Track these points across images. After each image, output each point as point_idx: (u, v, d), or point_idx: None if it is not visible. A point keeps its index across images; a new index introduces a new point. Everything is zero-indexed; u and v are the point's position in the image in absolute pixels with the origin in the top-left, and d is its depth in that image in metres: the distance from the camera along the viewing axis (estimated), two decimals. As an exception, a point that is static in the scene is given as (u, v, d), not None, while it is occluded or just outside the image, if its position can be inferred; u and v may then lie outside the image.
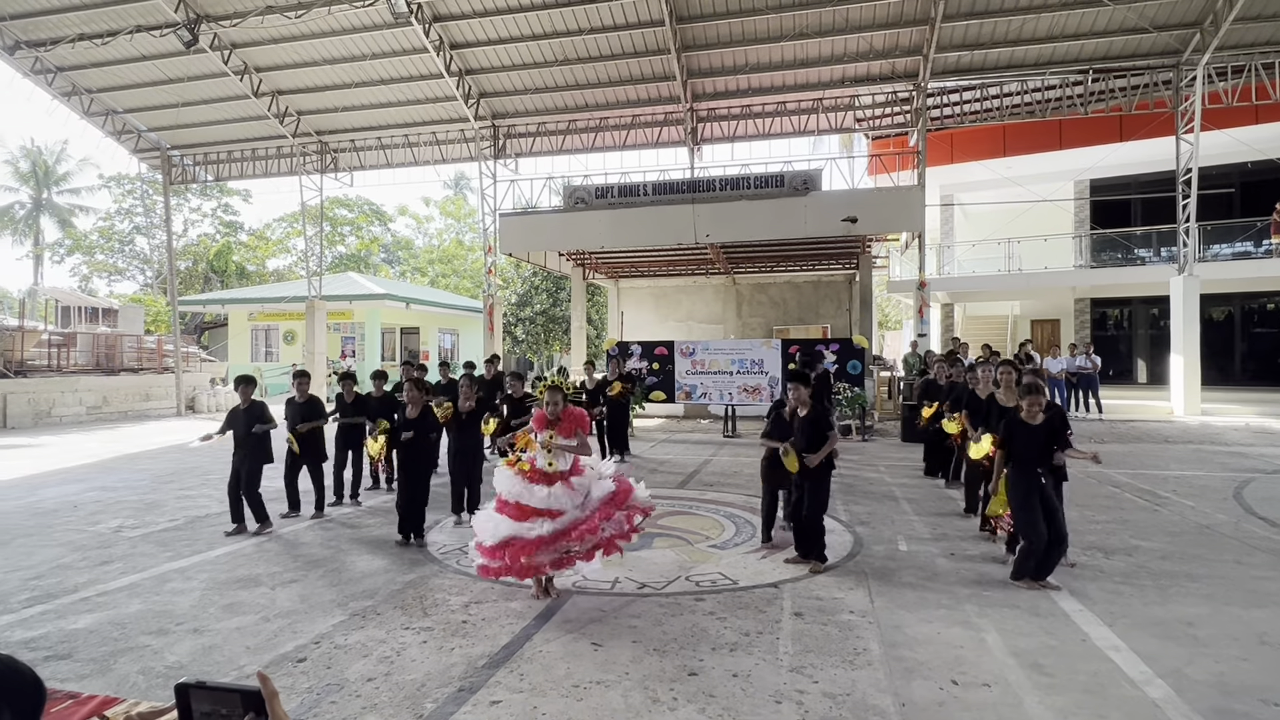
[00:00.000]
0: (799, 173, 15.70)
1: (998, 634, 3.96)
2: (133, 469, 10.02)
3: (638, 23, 14.74)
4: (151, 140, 19.63)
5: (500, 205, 17.87)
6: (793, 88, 16.18)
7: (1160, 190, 17.20)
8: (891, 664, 3.59)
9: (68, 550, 5.82)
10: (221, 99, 17.68)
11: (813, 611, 4.32)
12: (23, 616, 4.33)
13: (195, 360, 20.95)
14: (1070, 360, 14.28)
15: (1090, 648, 3.77)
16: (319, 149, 19.04)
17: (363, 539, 6.18)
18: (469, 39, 15.66)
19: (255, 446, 6.32)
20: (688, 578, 4.99)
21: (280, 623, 4.20)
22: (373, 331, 24.73)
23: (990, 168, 18.07)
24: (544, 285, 28.89)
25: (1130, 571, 5.04)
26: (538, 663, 3.63)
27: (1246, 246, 17.11)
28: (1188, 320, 14.49)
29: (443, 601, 4.54)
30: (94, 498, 7.98)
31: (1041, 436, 4.72)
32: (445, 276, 38.71)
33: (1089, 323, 19.66)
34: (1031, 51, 14.65)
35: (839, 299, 22.01)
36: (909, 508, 7.27)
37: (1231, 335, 18.21)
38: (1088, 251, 18.92)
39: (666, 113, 17.12)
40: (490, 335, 17.84)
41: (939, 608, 4.37)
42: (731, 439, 12.96)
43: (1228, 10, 12.89)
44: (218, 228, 35.59)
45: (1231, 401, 15.43)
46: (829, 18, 14.29)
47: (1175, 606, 4.37)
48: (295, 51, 16.30)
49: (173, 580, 5.01)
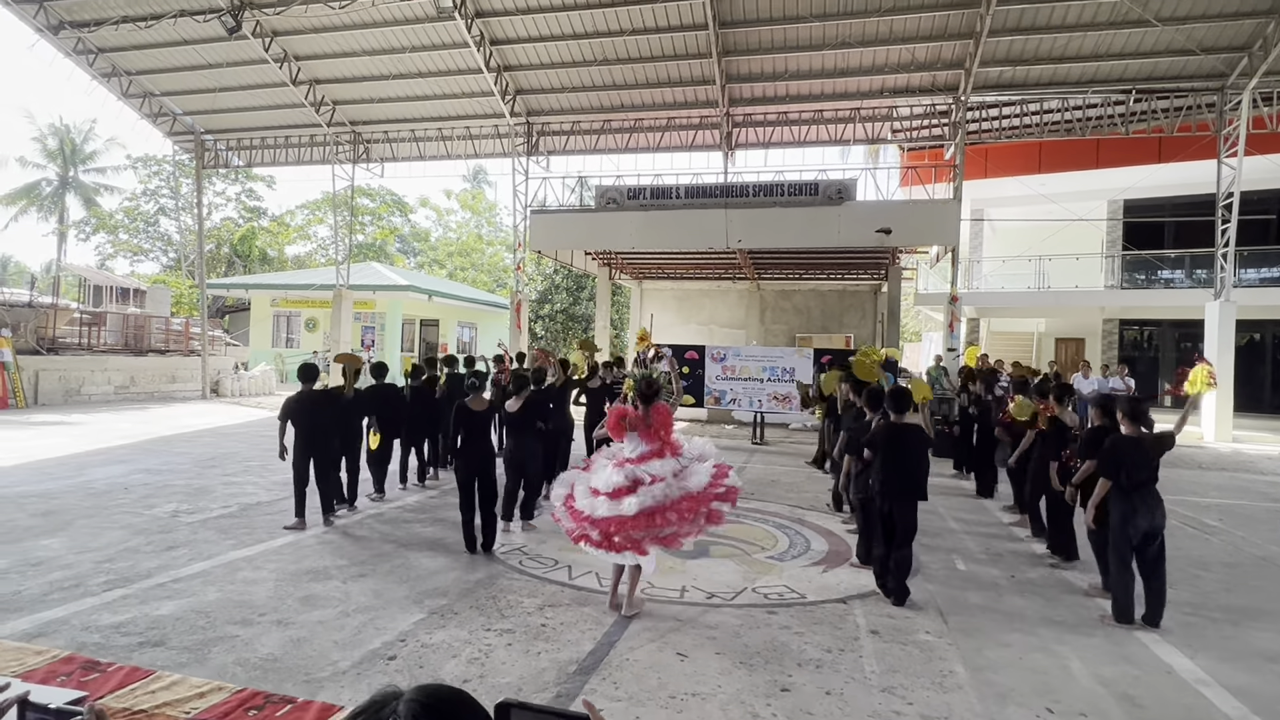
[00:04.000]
0: (834, 181, 15.68)
1: (1080, 661, 3.95)
2: (171, 452, 10.09)
3: (680, 26, 14.73)
4: (186, 124, 19.74)
5: (530, 202, 17.91)
6: (831, 96, 16.15)
7: (1194, 213, 17.10)
8: (981, 688, 3.60)
9: (130, 534, 5.87)
10: (259, 85, 17.76)
11: (889, 630, 4.32)
12: (105, 600, 4.37)
13: (220, 344, 21.05)
14: (1103, 381, 14.20)
15: (1178, 680, 3.76)
16: (352, 139, 19.11)
17: (419, 535, 6.21)
18: (510, 36, 15.68)
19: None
20: (754, 589, 5.00)
21: (361, 618, 4.23)
22: (394, 322, 24.82)
23: (1024, 184, 17.99)
24: (564, 283, 28.94)
25: (1198, 602, 5.03)
26: (628, 671, 3.65)
27: (1277, 272, 17.03)
28: (1222, 345, 14.41)
29: (516, 604, 4.56)
30: (141, 480, 8.04)
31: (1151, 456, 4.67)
32: (463, 270, 38.80)
33: (1116, 343, 19.56)
34: (1075, 69, 14.58)
35: (863, 309, 21.97)
36: (955, 525, 7.26)
37: (1262, 361, 18.10)
38: (1120, 272, 18.82)
39: (702, 116, 17.11)
40: (518, 332, 17.87)
41: (1013, 631, 4.36)
42: (760, 446, 12.96)
43: (1278, 35, 12.81)
44: (241, 212, 35.75)
45: (1262, 429, 15.34)
46: (872, 28, 14.25)
47: (1252, 640, 4.36)
48: (336, 41, 16.36)
49: (243, 569, 5.05)
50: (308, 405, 6.32)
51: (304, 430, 6.32)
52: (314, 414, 6.33)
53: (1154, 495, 4.71)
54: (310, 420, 6.33)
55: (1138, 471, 4.70)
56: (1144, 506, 4.64)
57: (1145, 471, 4.70)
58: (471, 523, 5.71)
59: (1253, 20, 13.07)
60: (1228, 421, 14.45)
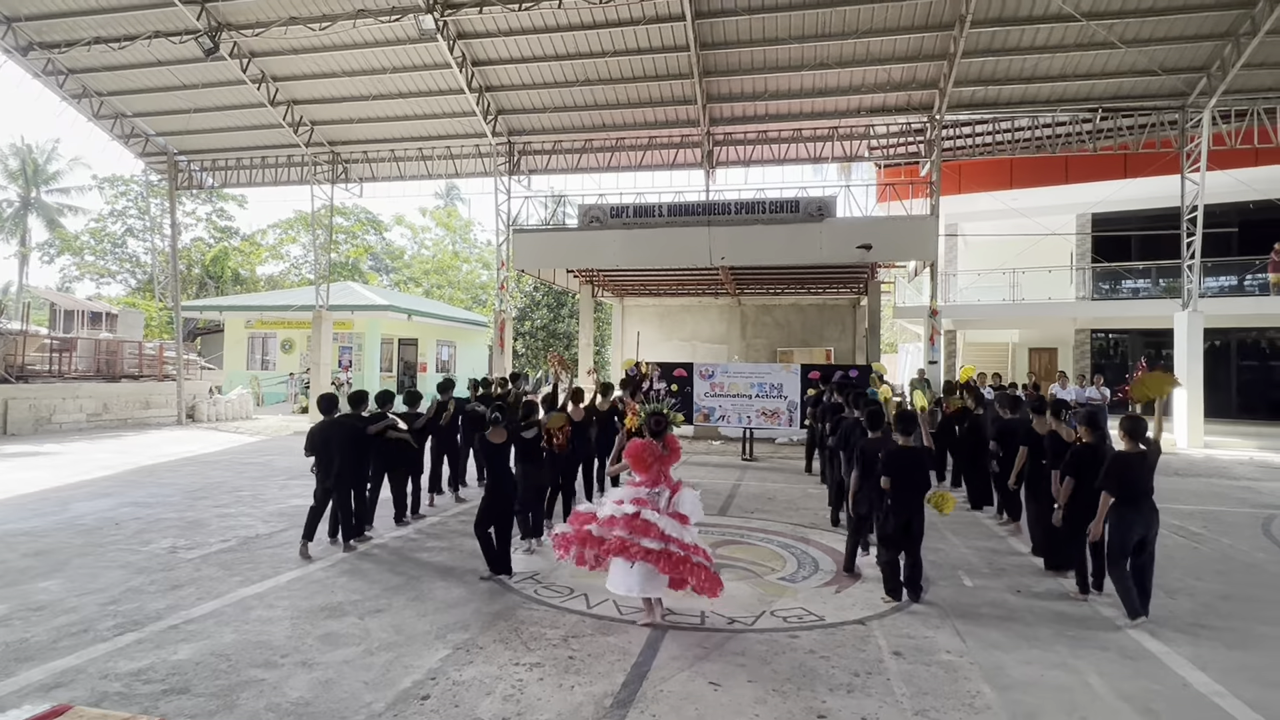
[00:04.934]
0: (814, 199, 15.95)
1: (1099, 677, 4.06)
2: (157, 483, 9.86)
3: (662, 48, 14.93)
4: (159, 145, 19.43)
5: (512, 221, 17.92)
6: (810, 115, 16.46)
7: (1159, 226, 17.69)
8: (1011, 708, 3.67)
9: (130, 573, 5.73)
10: (235, 106, 17.58)
11: (911, 651, 4.39)
12: (119, 646, 4.26)
13: (195, 368, 20.63)
14: (1080, 391, 14.57)
15: (1194, 694, 3.88)
16: (331, 159, 18.96)
17: (427, 564, 6.14)
18: (492, 57, 15.74)
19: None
20: (772, 613, 5.04)
21: (385, 656, 4.18)
22: (372, 342, 24.53)
23: (997, 199, 18.48)
24: (545, 300, 28.91)
25: (1200, 612, 5.19)
26: (664, 703, 3.66)
27: (1236, 281, 17.69)
28: (1191, 354, 14.89)
29: (540, 635, 4.54)
30: (131, 514, 7.84)
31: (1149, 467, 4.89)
32: (439, 288, 38.56)
33: (1088, 352, 20.08)
34: (1044, 89, 15.05)
35: (843, 323, 22.30)
36: (954, 539, 7.39)
37: (1227, 367, 18.72)
38: (1090, 283, 19.36)
39: (683, 135, 17.30)
40: (501, 351, 17.81)
41: (1031, 648, 4.46)
42: (750, 463, 13.04)
43: (1235, 57, 13.37)
44: (211, 232, 35.13)
45: (1230, 435, 15.84)
46: (850, 50, 14.58)
47: (1259, 651, 4.50)
48: (315, 62, 16.27)
49: (255, 608, 4.96)
50: (328, 433, 6.34)
51: (326, 459, 6.34)
52: (340, 444, 6.36)
53: (1150, 506, 4.92)
54: (333, 449, 6.34)
55: (1139, 485, 4.90)
56: (1140, 518, 4.87)
57: (1145, 485, 4.91)
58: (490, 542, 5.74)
59: (1211, 42, 13.64)
60: (1199, 428, 14.90)
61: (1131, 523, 4.89)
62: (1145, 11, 13.07)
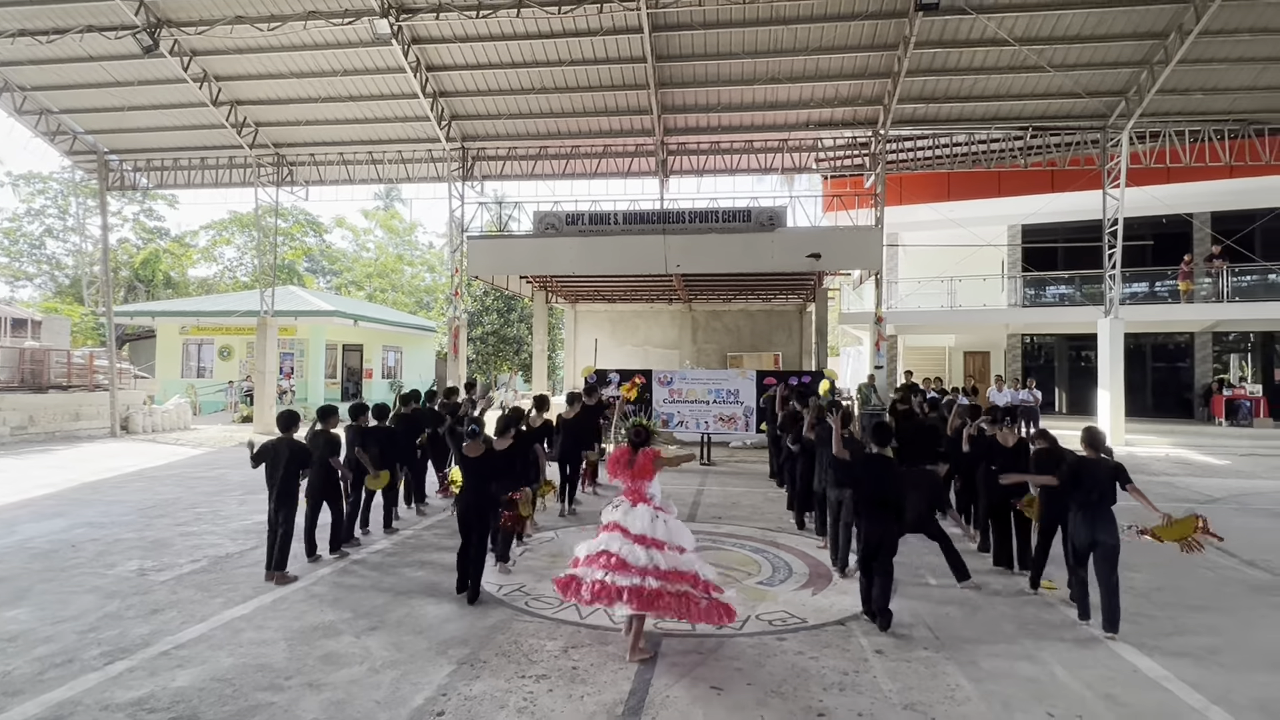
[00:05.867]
0: (766, 209, 16.45)
1: (1062, 667, 4.44)
2: (105, 501, 9.46)
3: (619, 58, 15.11)
4: (89, 143, 18.51)
5: (466, 227, 17.80)
6: (761, 128, 16.92)
7: (1083, 238, 18.87)
8: (989, 699, 4.01)
9: (102, 597, 5.56)
10: (174, 105, 16.90)
11: (891, 650, 4.70)
12: (111, 675, 4.18)
13: (129, 377, 19.70)
14: (1014, 394, 15.45)
15: (1144, 678, 4.30)
16: (276, 161, 18.43)
17: (411, 580, 6.15)
18: (447, 62, 15.62)
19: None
20: (758, 617, 5.29)
21: (391, 674, 4.24)
22: (317, 348, 23.90)
23: (935, 210, 19.37)
24: (494, 304, 28.70)
25: (1139, 603, 5.69)
26: (673, 709, 3.85)
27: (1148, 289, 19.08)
28: (1114, 358, 15.96)
29: (539, 647, 4.67)
30: (87, 535, 7.55)
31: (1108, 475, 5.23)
32: (383, 291, 37.76)
33: (1019, 356, 21.23)
34: (980, 108, 15.89)
35: (790, 328, 22.96)
36: (913, 539, 7.77)
37: (1143, 369, 20.10)
38: (1020, 291, 20.49)
39: (638, 144, 17.53)
40: (455, 357, 17.66)
41: (998, 642, 4.84)
42: (710, 467, 13.34)
43: (1150, 83, 14.43)
44: (139, 233, 33.46)
45: (1146, 432, 17.03)
46: (800, 66, 15.07)
47: (1192, 637, 5.00)
48: (261, 63, 15.80)
49: (245, 630, 4.91)
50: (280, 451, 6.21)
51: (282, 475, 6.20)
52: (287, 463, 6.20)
53: (1104, 513, 5.32)
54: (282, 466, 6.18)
55: (1091, 492, 5.30)
56: (1085, 523, 5.24)
57: (1097, 493, 5.30)
58: (462, 561, 5.74)
59: (1129, 69, 14.67)
60: (1121, 426, 15.97)
61: (1076, 525, 5.31)
62: (1071, 38, 13.98)
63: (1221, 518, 8.99)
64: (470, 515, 5.68)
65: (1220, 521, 8.68)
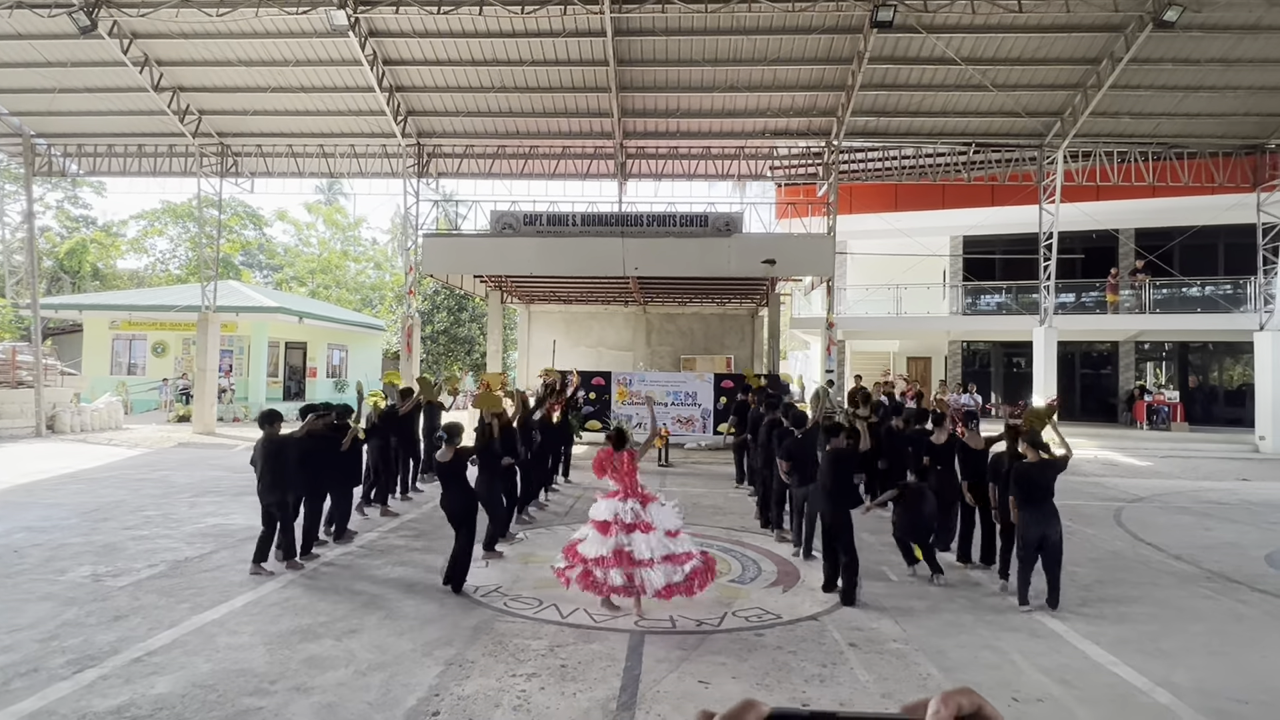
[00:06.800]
0: (723, 214, 16.73)
1: (1020, 654, 4.74)
2: (42, 504, 9.00)
3: (580, 60, 15.16)
4: (13, 125, 17.49)
5: (420, 226, 17.55)
6: (719, 135, 17.22)
7: (1020, 250, 19.82)
8: (957, 685, 4.24)
9: (59, 605, 5.34)
10: (111, 89, 16.13)
11: (864, 642, 4.92)
12: (83, 683, 4.04)
13: (55, 373, 18.67)
14: (957, 398, 16.13)
15: (1094, 664, 4.63)
16: (220, 151, 17.77)
17: (386, 581, 6.10)
18: (405, 57, 15.38)
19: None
20: (734, 614, 5.45)
21: (379, 675, 4.22)
22: (259, 345, 23.08)
23: (883, 219, 20.01)
24: (445, 303, 28.28)
25: (1083, 595, 6.09)
26: (665, 703, 3.96)
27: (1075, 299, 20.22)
28: (1048, 364, 16.84)
29: (525, 646, 4.71)
30: (28, 540, 7.19)
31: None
32: (326, 288, 36.74)
33: (960, 361, 22.13)
34: (927, 123, 16.54)
35: (743, 332, 23.35)
36: (870, 538, 8.10)
37: (1072, 375, 21.24)
38: (961, 299, 21.38)
39: (597, 147, 17.61)
40: (409, 356, 17.36)
41: (961, 633, 5.12)
42: (668, 468, 13.51)
43: (1084, 105, 15.29)
44: (63, 221, 31.68)
45: (1076, 435, 17.91)
46: (758, 75, 15.41)
47: (1132, 624, 5.39)
48: (208, 49, 15.23)
49: (218, 635, 4.80)
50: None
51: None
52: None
53: (1048, 509, 5.73)
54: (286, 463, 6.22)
55: (1036, 490, 5.70)
56: (1035, 519, 5.67)
57: (1040, 491, 5.72)
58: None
59: (1065, 91, 15.52)
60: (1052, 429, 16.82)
61: (1028, 522, 5.69)
62: (1014, 60, 14.70)
63: (1148, 515, 9.66)
64: (453, 515, 5.92)
65: (1146, 519, 9.37)
